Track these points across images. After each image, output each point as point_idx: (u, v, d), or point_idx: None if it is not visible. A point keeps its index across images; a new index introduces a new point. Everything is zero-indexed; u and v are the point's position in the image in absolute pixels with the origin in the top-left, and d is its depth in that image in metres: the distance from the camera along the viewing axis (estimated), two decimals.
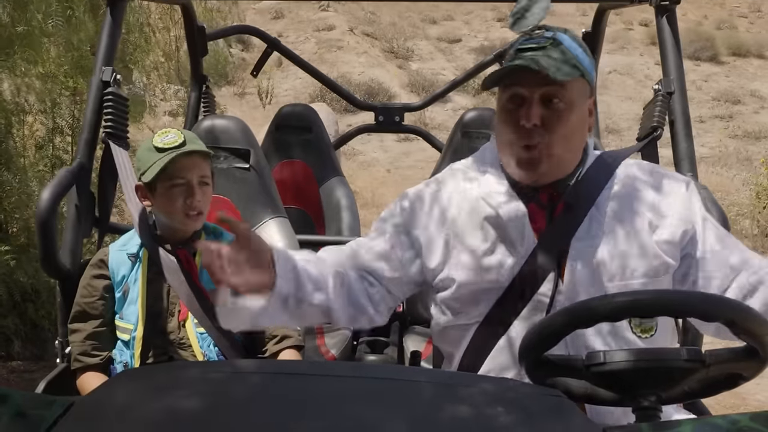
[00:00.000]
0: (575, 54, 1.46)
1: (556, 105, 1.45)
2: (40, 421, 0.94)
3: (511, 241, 1.50)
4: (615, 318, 1.17)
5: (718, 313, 1.12)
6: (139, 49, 5.01)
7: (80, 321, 1.90)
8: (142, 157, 1.89)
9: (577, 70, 1.44)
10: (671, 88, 2.10)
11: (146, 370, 1.42)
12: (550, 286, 1.46)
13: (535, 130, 1.45)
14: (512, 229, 1.50)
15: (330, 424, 0.93)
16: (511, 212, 1.50)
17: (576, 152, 1.53)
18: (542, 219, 1.51)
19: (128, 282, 1.90)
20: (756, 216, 7.80)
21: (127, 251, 1.93)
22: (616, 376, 1.14)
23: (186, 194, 1.86)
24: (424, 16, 17.35)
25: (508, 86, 1.48)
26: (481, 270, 1.50)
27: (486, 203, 1.53)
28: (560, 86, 1.43)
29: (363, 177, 9.39)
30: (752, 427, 0.90)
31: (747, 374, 1.19)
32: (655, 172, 1.58)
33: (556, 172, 1.51)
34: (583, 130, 1.51)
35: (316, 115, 3.09)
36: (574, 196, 1.50)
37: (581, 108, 1.49)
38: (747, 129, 12.97)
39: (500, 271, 1.49)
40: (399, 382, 1.05)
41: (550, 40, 1.45)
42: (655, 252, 1.47)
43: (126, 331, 1.88)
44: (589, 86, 1.50)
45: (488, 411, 0.97)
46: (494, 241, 1.51)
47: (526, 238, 1.49)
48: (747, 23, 18.70)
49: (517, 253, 1.49)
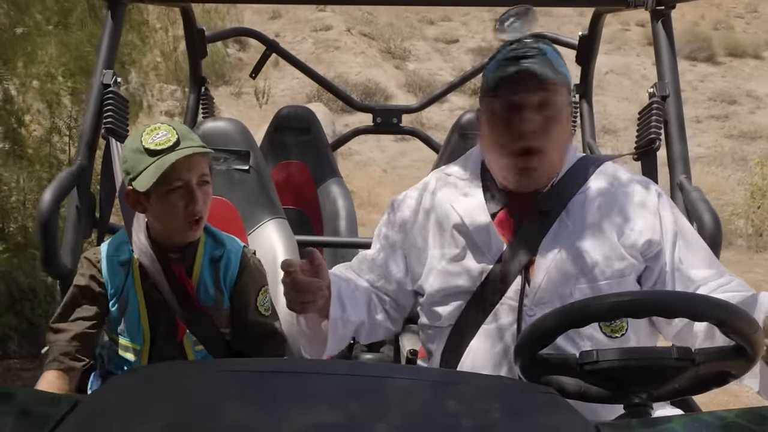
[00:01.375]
0: (558, 62, 1.53)
1: (548, 112, 1.50)
2: (46, 419, 0.96)
3: (478, 248, 1.55)
4: (608, 318, 1.20)
5: (708, 313, 1.15)
6: (137, 49, 5.03)
7: (67, 321, 1.75)
8: (131, 159, 1.67)
9: (565, 77, 1.52)
10: (666, 92, 2.12)
11: (149, 369, 1.44)
12: (518, 289, 1.51)
13: (533, 135, 1.49)
14: (477, 236, 1.55)
15: (326, 420, 0.95)
16: (476, 220, 1.56)
17: (562, 159, 1.58)
18: (510, 226, 1.56)
19: (125, 294, 1.75)
20: (750, 215, 7.84)
21: (118, 258, 1.77)
22: (608, 373, 1.17)
23: (186, 199, 1.67)
24: (422, 17, 17.36)
25: (502, 94, 1.51)
26: (451, 275, 1.57)
27: (455, 211, 1.59)
28: (553, 92, 1.49)
29: (360, 177, 9.41)
30: (739, 424, 0.93)
31: (736, 372, 1.22)
32: (631, 180, 1.62)
33: (546, 178, 1.56)
34: (568, 137, 1.58)
35: (314, 117, 3.12)
36: (546, 202, 1.55)
37: (566, 115, 1.55)
38: (743, 129, 13.01)
39: (470, 276, 1.55)
40: (394, 379, 1.08)
41: (537, 49, 1.51)
42: (620, 254, 1.51)
43: (131, 351, 1.76)
44: (569, 95, 1.56)
45: (482, 407, 0.99)
46: (463, 247, 1.57)
47: (494, 243, 1.54)
48: (743, 24, 18.73)
49: (485, 258, 1.55)
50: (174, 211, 1.67)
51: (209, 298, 1.76)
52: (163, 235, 1.75)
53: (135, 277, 1.76)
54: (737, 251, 7.39)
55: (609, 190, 1.57)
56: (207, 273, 1.77)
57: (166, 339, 1.76)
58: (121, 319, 1.76)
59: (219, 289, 1.77)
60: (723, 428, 0.92)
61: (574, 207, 1.55)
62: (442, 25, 17.51)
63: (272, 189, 2.33)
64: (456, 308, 1.57)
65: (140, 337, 1.75)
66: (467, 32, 17.33)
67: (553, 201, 1.55)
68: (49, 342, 1.75)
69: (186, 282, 1.74)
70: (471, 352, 1.54)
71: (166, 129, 1.67)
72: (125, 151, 1.71)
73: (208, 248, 1.79)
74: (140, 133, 1.68)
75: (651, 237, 1.53)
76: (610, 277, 1.50)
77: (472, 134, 2.88)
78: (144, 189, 1.64)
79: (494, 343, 1.52)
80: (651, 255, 1.54)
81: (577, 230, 1.53)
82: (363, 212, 7.37)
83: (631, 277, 1.53)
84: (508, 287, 1.52)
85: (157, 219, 1.73)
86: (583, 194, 1.56)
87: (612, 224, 1.53)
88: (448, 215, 1.61)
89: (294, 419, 0.95)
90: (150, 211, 1.72)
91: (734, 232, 7.72)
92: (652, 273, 1.55)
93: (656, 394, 1.18)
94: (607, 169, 1.62)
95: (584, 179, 1.58)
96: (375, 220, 8.57)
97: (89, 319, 1.75)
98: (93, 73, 2.21)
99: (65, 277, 1.99)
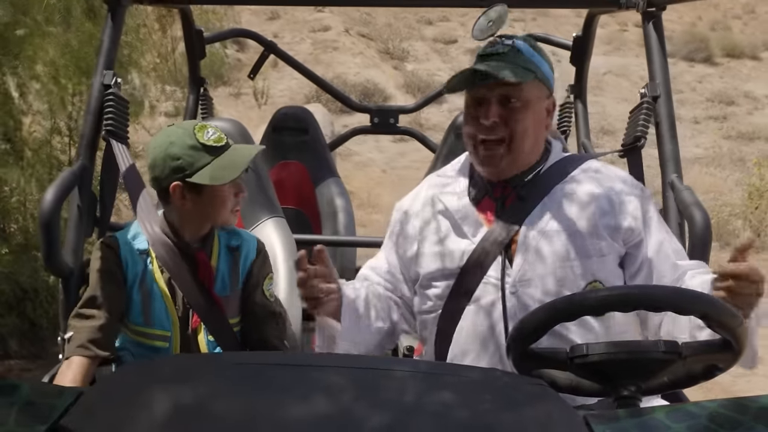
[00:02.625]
0: (532, 59, 1.61)
1: (513, 104, 1.59)
2: (51, 410, 0.98)
3: (460, 228, 1.64)
4: (597, 312, 1.23)
5: (693, 307, 1.18)
6: (135, 50, 5.04)
7: (95, 308, 1.78)
8: (187, 156, 1.75)
9: (532, 73, 1.59)
10: (657, 92, 2.16)
11: (153, 361, 1.47)
12: (499, 268, 1.59)
13: (494, 126, 1.59)
14: (461, 219, 1.65)
15: (320, 412, 0.98)
16: (458, 204, 1.67)
17: (533, 149, 1.66)
18: (492, 210, 1.65)
19: (146, 282, 1.82)
20: (748, 216, 7.88)
21: (136, 246, 1.85)
22: (598, 367, 1.20)
23: (236, 188, 1.83)
24: (420, 17, 17.39)
25: (470, 89, 1.64)
26: (436, 257, 1.65)
27: (440, 200, 1.69)
28: (515, 87, 1.58)
29: (359, 177, 9.43)
30: (721, 413, 0.96)
31: (722, 365, 1.25)
32: (615, 174, 1.71)
33: (515, 166, 1.64)
34: (540, 128, 1.65)
35: (313, 117, 3.15)
36: (528, 190, 1.64)
37: (537, 107, 1.63)
38: (741, 130, 13.04)
39: (452, 257, 1.63)
40: (389, 372, 1.11)
41: (509, 47, 1.61)
42: (600, 234, 1.59)
43: (161, 338, 1.81)
44: (546, 88, 1.65)
45: (473, 398, 1.03)
46: (446, 230, 1.66)
47: (476, 226, 1.63)
48: (741, 24, 18.77)
49: (468, 240, 1.63)
50: (226, 200, 1.81)
51: (225, 287, 1.84)
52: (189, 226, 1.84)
53: (154, 266, 1.83)
54: None
55: (592, 180, 1.66)
56: (225, 261, 1.86)
57: (182, 329, 1.82)
58: (145, 308, 1.81)
59: (236, 276, 1.87)
60: (707, 417, 0.95)
61: (557, 194, 1.64)
62: (441, 25, 17.53)
63: (271, 188, 2.36)
64: (444, 290, 1.65)
65: (169, 323, 1.81)
66: (465, 32, 17.31)
67: (534, 189, 1.64)
68: (75, 328, 1.78)
69: (207, 268, 1.82)
70: (460, 332, 1.62)
71: (213, 129, 1.81)
72: (173, 149, 1.77)
73: (223, 238, 1.89)
74: (186, 131, 1.77)
75: (632, 225, 1.61)
76: (591, 255, 1.58)
77: None
78: (219, 182, 1.76)
79: (480, 322, 1.60)
80: (632, 243, 1.62)
81: (558, 213, 1.61)
82: (363, 213, 7.40)
83: (611, 257, 1.60)
84: (489, 266, 1.60)
85: (204, 210, 1.81)
86: (568, 184, 1.65)
87: (594, 208, 1.61)
88: (434, 205, 1.71)
89: (291, 409, 0.98)
90: (198, 203, 1.79)
91: (732, 233, 7.74)
92: (636, 260, 1.63)
93: (645, 387, 1.21)
94: (591, 164, 1.72)
95: (567, 172, 1.67)
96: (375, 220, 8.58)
97: (113, 308, 1.79)
98: (92, 73, 2.24)
99: (67, 276, 2.02)
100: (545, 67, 1.64)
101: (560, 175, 1.66)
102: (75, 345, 1.75)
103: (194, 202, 1.79)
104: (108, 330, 1.78)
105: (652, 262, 1.61)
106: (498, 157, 1.62)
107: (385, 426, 0.96)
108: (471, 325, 1.60)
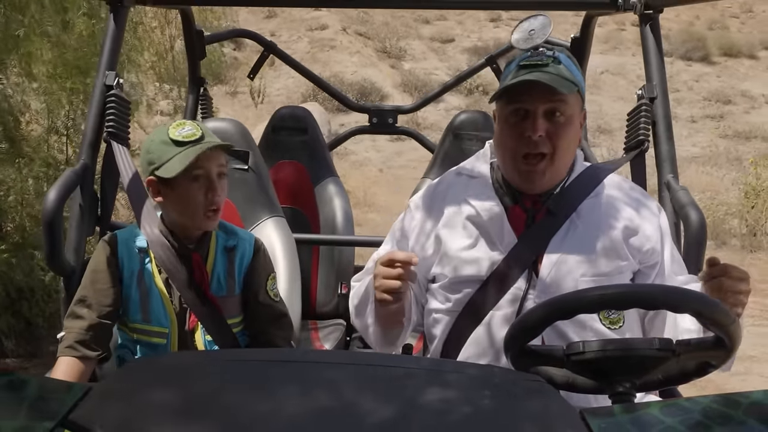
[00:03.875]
0: (572, 71, 1.58)
1: (558, 118, 1.57)
2: (60, 406, 1.00)
3: (491, 238, 1.63)
4: (591, 310, 1.26)
5: (686, 305, 1.21)
6: (134, 49, 5.05)
7: (85, 307, 1.78)
8: (157, 150, 1.76)
9: (575, 85, 1.56)
10: (654, 94, 2.18)
11: (159, 358, 1.49)
12: (525, 281, 1.59)
13: (541, 140, 1.56)
14: (491, 227, 1.63)
15: (323, 407, 1.01)
16: (490, 213, 1.64)
17: (570, 163, 1.66)
18: (522, 221, 1.63)
19: (145, 280, 1.82)
20: (744, 215, 7.91)
21: (135, 244, 1.84)
22: (593, 364, 1.22)
23: (206, 188, 1.76)
24: (417, 16, 17.41)
25: (513, 101, 1.59)
26: (463, 263, 1.63)
27: (469, 204, 1.67)
28: (562, 101, 1.56)
29: (355, 176, 9.45)
30: (714, 408, 0.98)
31: (715, 362, 1.27)
32: (635, 190, 1.73)
33: (554, 181, 1.64)
34: (576, 142, 1.64)
35: (312, 117, 3.16)
36: (557, 204, 1.63)
37: (577, 121, 1.62)
38: (737, 129, 13.09)
39: (480, 265, 1.62)
40: (390, 368, 1.13)
41: (551, 58, 1.58)
42: (623, 253, 1.60)
43: (159, 335, 1.81)
44: (582, 101, 1.63)
45: (471, 394, 1.05)
46: (476, 237, 1.64)
47: (506, 236, 1.62)
48: (738, 23, 18.82)
49: (497, 249, 1.62)
50: (195, 199, 1.76)
51: (221, 287, 1.84)
52: (180, 225, 1.84)
53: (153, 263, 1.83)
54: (731, 251, 7.46)
55: (617, 197, 1.67)
56: (221, 262, 1.85)
57: (180, 327, 1.82)
58: (143, 305, 1.82)
59: (232, 277, 1.85)
60: (700, 412, 0.98)
61: (584, 210, 1.63)
62: (438, 24, 17.56)
63: (271, 188, 2.38)
64: (465, 295, 1.64)
65: (167, 320, 1.81)
66: (463, 31, 17.38)
67: (563, 203, 1.63)
68: (66, 328, 1.79)
69: (202, 270, 1.81)
70: (474, 338, 1.62)
71: (191, 125, 1.78)
72: (149, 145, 1.80)
73: (221, 239, 1.87)
74: (166, 127, 1.79)
75: (654, 246, 1.63)
76: (611, 273, 1.59)
77: (466, 135, 2.93)
78: (170, 175, 1.73)
79: (497, 332, 1.60)
80: (649, 263, 1.64)
81: (586, 231, 1.61)
82: (359, 212, 7.42)
83: (626, 275, 1.62)
84: (516, 279, 1.59)
85: (176, 208, 1.81)
86: (593, 199, 1.65)
87: (620, 227, 1.62)
88: (460, 208, 1.68)
89: (293, 405, 1.00)
90: (170, 199, 1.80)
91: (728, 232, 7.79)
92: (648, 278, 1.64)
93: (640, 384, 1.23)
94: (613, 178, 1.72)
95: (594, 185, 1.66)
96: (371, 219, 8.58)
97: (106, 306, 1.79)
98: (90, 73, 2.25)
99: (69, 275, 2.04)
100: (580, 78, 1.62)
101: (586, 189, 1.65)
102: (64, 345, 1.76)
103: (166, 197, 1.80)
104: (98, 330, 1.78)
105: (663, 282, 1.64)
106: (540, 173, 1.59)
107: (384, 421, 0.98)
108: (487, 333, 1.60)
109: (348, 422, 0.98)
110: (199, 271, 1.81)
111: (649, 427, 0.96)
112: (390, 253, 1.52)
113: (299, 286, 2.22)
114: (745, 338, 1.29)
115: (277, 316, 1.89)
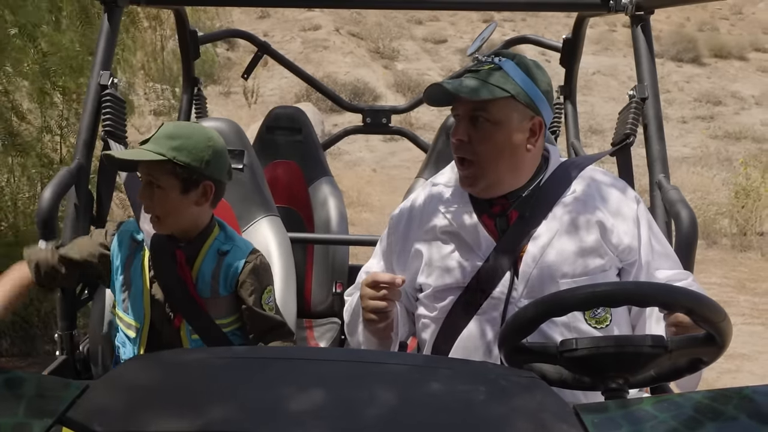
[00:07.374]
0: (513, 78, 1.59)
1: (482, 124, 1.59)
2: (58, 403, 1.01)
3: (468, 247, 1.65)
4: (584, 307, 1.27)
5: (677, 302, 1.22)
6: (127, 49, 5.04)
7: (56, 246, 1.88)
8: None
9: (505, 92, 1.57)
10: (645, 94, 2.20)
11: (155, 355, 1.50)
12: (506, 284, 1.61)
13: (462, 145, 1.61)
14: (467, 236, 1.65)
15: (319, 403, 1.02)
16: (464, 222, 1.66)
17: (517, 170, 1.66)
18: (496, 226, 1.65)
19: (131, 271, 1.84)
20: (735, 215, 7.96)
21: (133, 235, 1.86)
22: (586, 361, 1.24)
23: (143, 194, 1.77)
24: (410, 17, 17.43)
25: (453, 106, 1.65)
26: (444, 272, 1.66)
27: (444, 215, 1.69)
28: (483, 106, 1.58)
29: (349, 176, 9.46)
30: (707, 404, 1.00)
31: (707, 359, 1.29)
32: (614, 184, 1.72)
33: (499, 187, 1.65)
34: (518, 149, 1.63)
35: (306, 117, 3.17)
36: (526, 206, 1.64)
37: (512, 127, 1.61)
38: (728, 130, 13.17)
39: (462, 273, 1.64)
40: (385, 365, 1.14)
41: (491, 65, 1.60)
42: (603, 251, 1.61)
43: (131, 328, 1.84)
44: (527, 109, 1.61)
45: (466, 389, 1.06)
46: (454, 247, 1.66)
47: (483, 242, 1.64)
48: (728, 25, 18.93)
49: (475, 256, 1.64)
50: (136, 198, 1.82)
51: (206, 288, 1.83)
52: None
53: (144, 258, 1.84)
54: (721, 250, 7.51)
55: (592, 193, 1.67)
56: (208, 264, 1.84)
57: (164, 325, 1.83)
58: (125, 295, 1.84)
59: (216, 279, 1.84)
60: (691, 408, 0.99)
61: (559, 209, 1.64)
62: (431, 25, 17.59)
63: (266, 187, 2.38)
64: (449, 302, 1.66)
65: (142, 316, 1.83)
66: (456, 32, 17.41)
67: (536, 203, 1.64)
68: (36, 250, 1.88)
69: (184, 269, 1.82)
70: (461, 341, 1.64)
71: (165, 126, 1.76)
72: None
73: (218, 242, 1.87)
74: None
75: (630, 242, 1.63)
76: (593, 272, 1.59)
77: None
78: None
79: (483, 334, 1.62)
80: (628, 261, 1.64)
81: (562, 230, 1.62)
82: (353, 212, 7.42)
83: (611, 272, 1.63)
84: (498, 283, 1.61)
85: None
86: (570, 197, 1.65)
87: (596, 224, 1.62)
88: (438, 219, 1.71)
89: (290, 401, 1.02)
90: None
91: (719, 232, 7.83)
92: (629, 275, 1.65)
93: (632, 380, 1.25)
94: (588, 172, 1.71)
95: (568, 183, 1.67)
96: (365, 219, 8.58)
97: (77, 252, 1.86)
98: (85, 72, 2.26)
99: None
100: (530, 88, 1.61)
101: (561, 187, 1.66)
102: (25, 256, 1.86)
103: None
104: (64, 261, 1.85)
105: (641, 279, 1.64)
106: (472, 178, 1.63)
107: (378, 416, 0.99)
108: (474, 336, 1.62)
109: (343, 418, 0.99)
110: (182, 269, 1.82)
111: (642, 422, 0.97)
112: (374, 275, 1.56)
113: (294, 285, 2.23)
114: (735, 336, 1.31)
115: (275, 327, 1.88)
